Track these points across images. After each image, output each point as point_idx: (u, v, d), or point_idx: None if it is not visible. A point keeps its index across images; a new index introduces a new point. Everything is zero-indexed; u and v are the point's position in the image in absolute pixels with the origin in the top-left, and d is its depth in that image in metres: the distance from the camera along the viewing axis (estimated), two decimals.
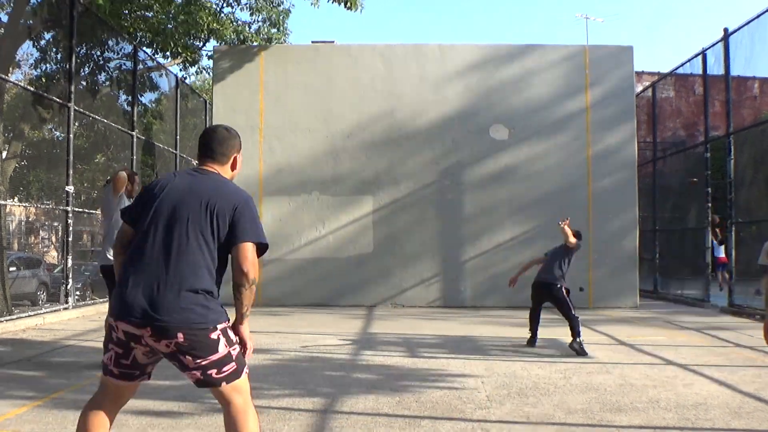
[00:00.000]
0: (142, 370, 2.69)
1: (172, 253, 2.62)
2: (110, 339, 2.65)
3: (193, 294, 2.58)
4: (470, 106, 13.16)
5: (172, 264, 2.60)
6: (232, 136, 2.96)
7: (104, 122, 13.13)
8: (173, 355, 2.58)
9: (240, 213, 2.71)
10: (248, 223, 2.71)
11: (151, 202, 2.73)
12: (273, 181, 13.11)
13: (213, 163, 2.89)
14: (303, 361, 6.62)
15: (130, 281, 2.59)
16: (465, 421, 4.33)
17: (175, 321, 2.52)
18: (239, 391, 2.66)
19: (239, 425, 2.64)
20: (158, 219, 2.68)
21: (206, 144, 2.92)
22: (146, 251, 2.64)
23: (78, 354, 6.98)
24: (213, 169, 2.87)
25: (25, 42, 11.87)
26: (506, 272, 12.90)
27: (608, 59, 13.17)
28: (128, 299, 2.56)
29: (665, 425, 4.28)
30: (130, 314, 2.53)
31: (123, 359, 2.63)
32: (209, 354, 2.58)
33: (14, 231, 23.80)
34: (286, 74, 13.32)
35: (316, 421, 4.36)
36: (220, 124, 3.11)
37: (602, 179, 12.90)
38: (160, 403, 4.73)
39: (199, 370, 2.59)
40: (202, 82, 23.94)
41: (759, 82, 24.56)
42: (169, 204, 2.70)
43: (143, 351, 2.62)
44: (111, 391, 2.70)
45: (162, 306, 2.53)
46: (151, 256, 2.63)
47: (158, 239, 2.65)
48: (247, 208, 2.75)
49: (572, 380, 5.67)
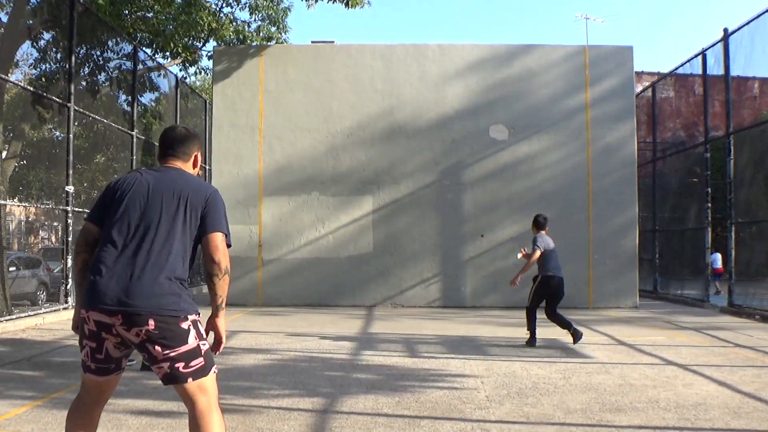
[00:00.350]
0: (117, 363, 2.71)
1: (147, 243, 2.65)
2: (83, 334, 2.67)
3: (168, 282, 2.61)
4: (470, 106, 13.17)
5: (148, 253, 2.63)
6: (193, 135, 3.03)
7: (104, 122, 13.14)
8: (143, 345, 2.59)
9: (210, 204, 2.79)
10: (218, 214, 2.79)
11: (120, 198, 2.77)
12: (273, 180, 13.11)
13: (176, 161, 2.95)
14: (303, 361, 6.62)
15: (103, 272, 2.60)
16: (464, 421, 4.33)
17: (147, 306, 2.54)
18: (204, 391, 2.64)
19: (202, 428, 2.61)
20: (130, 212, 2.72)
21: (168, 143, 2.98)
22: (119, 243, 2.67)
23: (77, 354, 6.95)
24: (177, 167, 2.93)
25: (25, 42, 11.86)
26: (506, 272, 12.92)
27: (608, 59, 13.18)
28: (101, 288, 2.57)
29: (665, 425, 4.28)
30: (102, 302, 2.55)
31: (97, 353, 2.65)
32: (179, 344, 2.59)
33: (14, 231, 23.79)
34: (286, 74, 13.33)
35: (315, 421, 4.36)
36: (180, 124, 3.22)
37: (602, 179, 12.90)
38: (160, 403, 4.73)
39: (167, 362, 2.59)
40: (202, 82, 23.93)
41: (759, 82, 24.57)
42: (140, 198, 2.75)
43: (114, 343, 2.63)
44: (92, 388, 2.72)
45: (135, 292, 2.55)
46: (125, 246, 2.66)
47: (131, 231, 2.69)
48: (217, 200, 2.83)
49: (572, 380, 5.67)
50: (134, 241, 2.66)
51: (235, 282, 13.08)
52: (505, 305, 12.67)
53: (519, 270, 8.32)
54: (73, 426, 2.69)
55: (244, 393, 5.16)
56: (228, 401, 4.87)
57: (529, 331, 7.79)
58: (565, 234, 12.85)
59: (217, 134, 13.38)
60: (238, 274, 13.05)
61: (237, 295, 12.89)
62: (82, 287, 2.71)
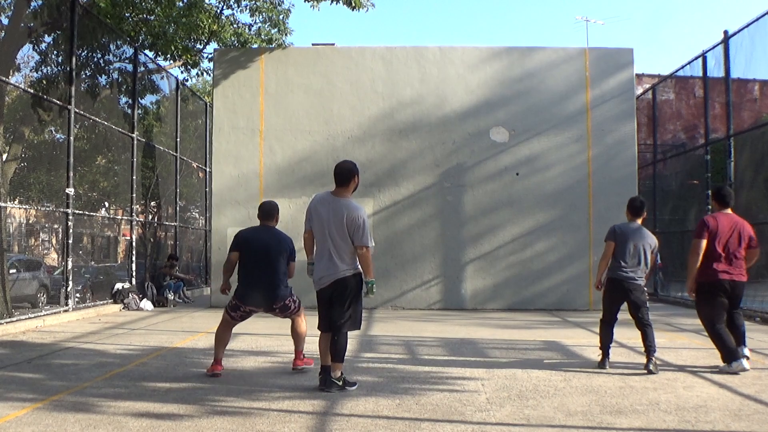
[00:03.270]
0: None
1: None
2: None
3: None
4: (471, 108, 13.17)
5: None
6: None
7: (105, 124, 13.14)
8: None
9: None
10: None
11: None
12: (273, 182, 13.11)
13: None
14: None
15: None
16: (465, 424, 4.33)
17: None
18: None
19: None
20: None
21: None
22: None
23: (78, 356, 6.98)
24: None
25: (26, 44, 11.87)
26: (506, 274, 12.96)
27: (608, 61, 13.18)
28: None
29: (665, 427, 4.28)
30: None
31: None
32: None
33: (14, 233, 23.78)
34: (286, 76, 13.34)
35: (316, 424, 4.36)
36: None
37: (602, 181, 12.90)
38: (160, 405, 4.73)
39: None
40: (202, 84, 23.95)
41: (759, 84, 24.51)
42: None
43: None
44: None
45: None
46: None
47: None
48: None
49: (572, 382, 5.67)
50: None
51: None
52: (506, 307, 12.67)
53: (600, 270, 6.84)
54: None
55: (244, 395, 5.16)
56: (228, 403, 4.87)
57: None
58: (566, 235, 12.88)
59: (217, 136, 13.39)
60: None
61: None
62: None
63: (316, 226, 5.35)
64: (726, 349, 6.15)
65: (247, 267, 5.89)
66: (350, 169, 5.29)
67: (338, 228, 5.18)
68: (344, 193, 5.30)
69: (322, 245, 5.30)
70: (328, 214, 5.24)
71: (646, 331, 6.23)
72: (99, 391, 5.24)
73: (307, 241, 5.51)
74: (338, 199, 5.27)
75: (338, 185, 5.29)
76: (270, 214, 6.16)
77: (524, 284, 12.83)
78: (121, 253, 25.30)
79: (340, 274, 5.20)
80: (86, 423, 4.27)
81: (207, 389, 5.34)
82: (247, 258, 5.91)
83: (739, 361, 6.05)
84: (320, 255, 5.32)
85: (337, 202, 5.25)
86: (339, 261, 5.20)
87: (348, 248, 5.21)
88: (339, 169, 5.30)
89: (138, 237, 13.98)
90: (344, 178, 5.26)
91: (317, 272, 5.34)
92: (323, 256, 5.28)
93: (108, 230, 27.36)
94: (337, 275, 5.21)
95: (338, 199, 5.27)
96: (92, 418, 4.38)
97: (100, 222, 23.29)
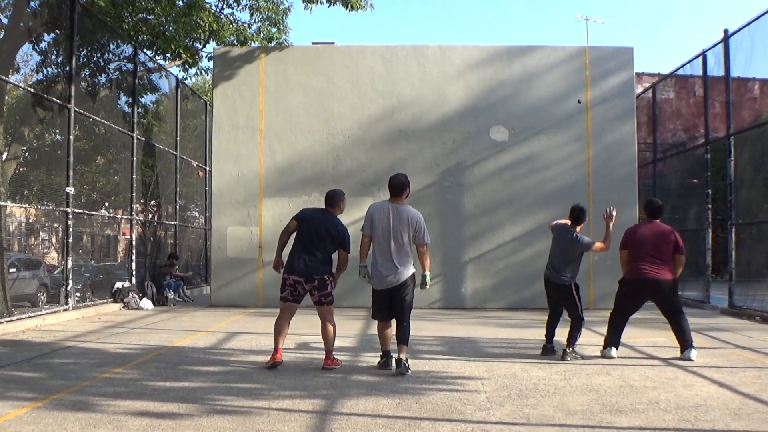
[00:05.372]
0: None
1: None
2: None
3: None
4: (471, 107, 13.17)
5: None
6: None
7: (105, 124, 13.14)
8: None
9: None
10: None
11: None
12: (273, 181, 13.11)
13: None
14: (303, 363, 6.63)
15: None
16: (465, 423, 4.33)
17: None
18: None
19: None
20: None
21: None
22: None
23: (78, 355, 6.99)
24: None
25: (25, 44, 11.85)
26: (506, 273, 12.96)
27: (608, 60, 13.17)
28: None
29: (665, 426, 4.28)
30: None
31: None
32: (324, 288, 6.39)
33: (14, 232, 23.78)
34: (286, 75, 13.34)
35: (316, 423, 4.36)
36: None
37: (602, 180, 12.90)
38: (160, 404, 4.73)
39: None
40: (202, 83, 23.94)
41: (759, 83, 24.52)
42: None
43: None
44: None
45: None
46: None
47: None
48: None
49: (572, 381, 5.67)
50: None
51: (236, 283, 13.09)
52: (506, 306, 12.67)
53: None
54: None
55: (244, 394, 5.16)
56: (228, 402, 4.87)
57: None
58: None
59: (217, 135, 13.39)
60: (238, 275, 13.06)
61: (237, 297, 12.90)
62: None
63: (377, 231, 6.07)
64: (608, 336, 7.16)
65: (302, 241, 6.31)
66: (403, 181, 6.22)
67: (403, 230, 6.01)
68: (400, 201, 6.19)
69: (384, 247, 6.02)
70: (390, 219, 6.05)
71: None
72: (99, 390, 5.24)
73: (365, 245, 6.18)
74: (398, 206, 6.14)
75: (394, 195, 6.18)
76: (332, 202, 6.60)
77: (524, 283, 12.81)
78: (121, 252, 25.27)
79: (402, 277, 5.98)
80: (86, 422, 4.27)
81: (207, 388, 5.34)
82: (303, 231, 6.34)
83: (609, 348, 7.03)
84: (381, 256, 6.03)
85: (397, 208, 6.11)
86: (399, 264, 5.97)
87: (405, 249, 6.01)
88: (395, 181, 6.21)
89: (138, 236, 13.97)
90: (400, 188, 6.18)
91: (381, 272, 5.99)
92: (385, 258, 6.00)
93: (108, 229, 27.34)
94: (401, 279, 5.97)
95: (398, 206, 6.14)
96: (92, 417, 4.38)
97: (100, 221, 23.27)
